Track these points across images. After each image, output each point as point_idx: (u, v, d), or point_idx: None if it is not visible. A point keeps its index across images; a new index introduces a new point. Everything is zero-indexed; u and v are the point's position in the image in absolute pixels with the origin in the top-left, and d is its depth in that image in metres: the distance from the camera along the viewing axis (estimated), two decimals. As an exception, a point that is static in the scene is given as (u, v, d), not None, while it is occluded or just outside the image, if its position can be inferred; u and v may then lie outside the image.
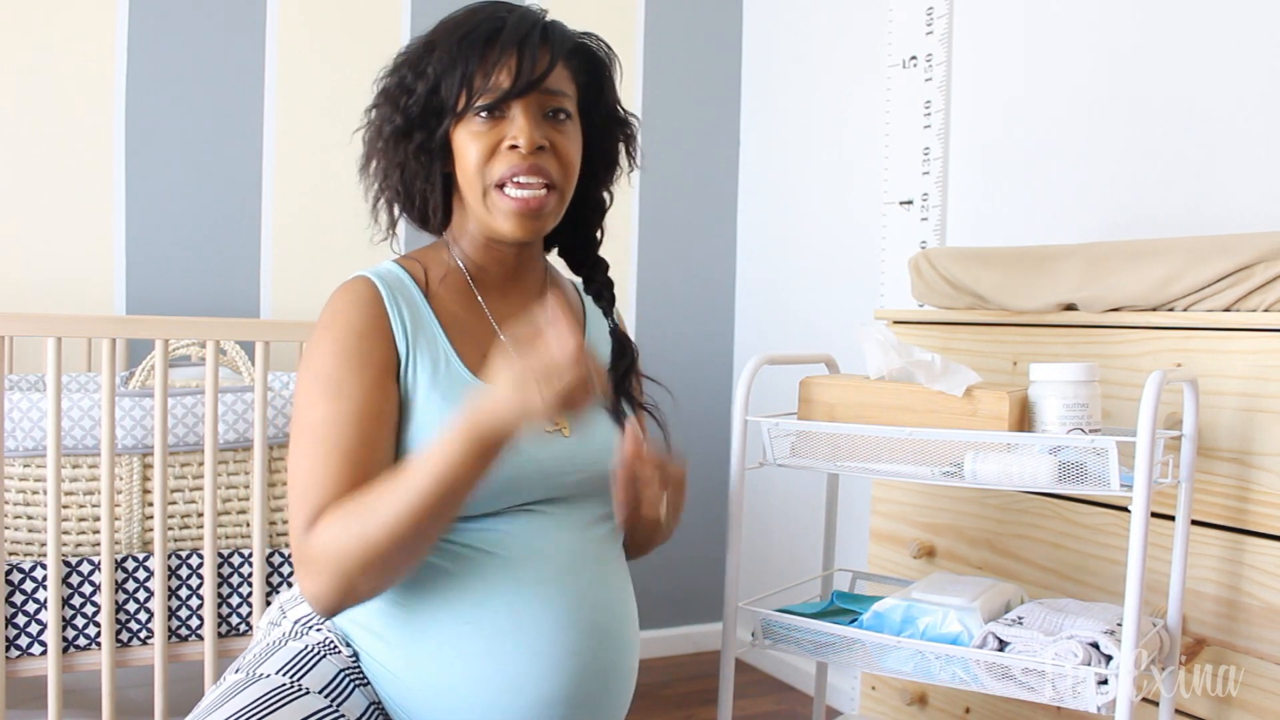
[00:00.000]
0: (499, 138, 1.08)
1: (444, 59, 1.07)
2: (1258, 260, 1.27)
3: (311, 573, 0.98)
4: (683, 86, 2.81)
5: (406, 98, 1.10)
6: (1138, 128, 1.78)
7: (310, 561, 0.98)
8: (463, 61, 1.07)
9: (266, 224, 2.40)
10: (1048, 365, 1.21)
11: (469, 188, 1.10)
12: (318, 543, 0.97)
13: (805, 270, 2.62)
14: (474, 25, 1.08)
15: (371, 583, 0.98)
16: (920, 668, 1.24)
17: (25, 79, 2.20)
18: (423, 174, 1.11)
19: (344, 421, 1.01)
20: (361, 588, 0.98)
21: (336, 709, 1.01)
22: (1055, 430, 1.19)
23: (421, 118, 1.09)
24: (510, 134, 1.07)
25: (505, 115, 1.08)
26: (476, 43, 1.07)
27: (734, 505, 1.37)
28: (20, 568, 1.67)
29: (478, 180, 1.08)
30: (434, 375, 1.07)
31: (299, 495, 1.00)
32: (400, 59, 1.12)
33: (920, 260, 1.73)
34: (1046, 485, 1.16)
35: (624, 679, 1.11)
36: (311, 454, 1.01)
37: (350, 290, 1.09)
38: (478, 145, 1.08)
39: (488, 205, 1.09)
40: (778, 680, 2.63)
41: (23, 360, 2.17)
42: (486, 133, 1.08)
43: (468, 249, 1.15)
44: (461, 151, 1.09)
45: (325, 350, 1.05)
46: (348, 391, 1.02)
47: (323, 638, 1.07)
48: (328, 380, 1.03)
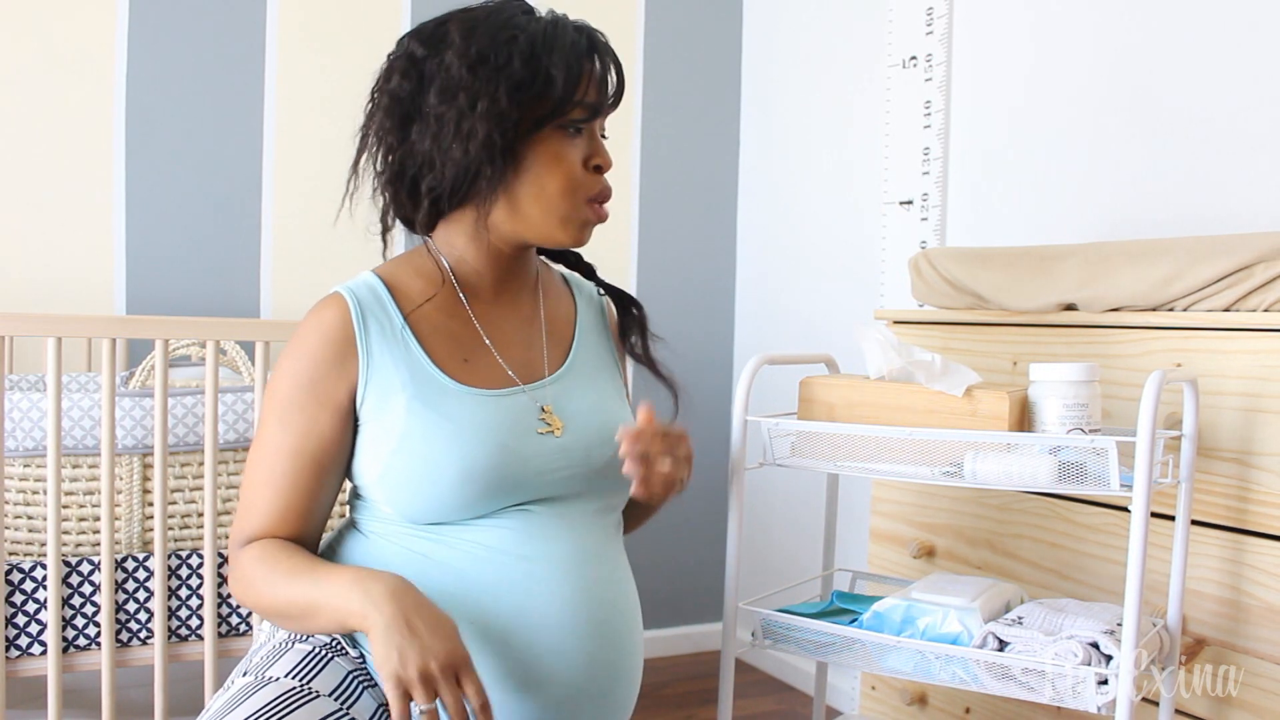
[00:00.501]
0: (582, 155, 1.09)
1: (560, 62, 1.05)
2: (1258, 260, 1.27)
3: (232, 576, 1.10)
4: (683, 86, 2.81)
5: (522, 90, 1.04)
6: (1138, 128, 1.78)
7: (233, 568, 1.09)
8: (575, 63, 1.06)
9: (266, 224, 2.40)
10: (1048, 365, 1.21)
11: (539, 197, 1.08)
12: (241, 562, 1.08)
13: (805, 270, 2.62)
14: (571, 36, 1.07)
15: (264, 614, 1.09)
16: (920, 668, 1.24)
17: (25, 79, 2.20)
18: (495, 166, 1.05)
19: (284, 454, 1.07)
20: (259, 612, 1.09)
21: (347, 711, 1.01)
22: (1055, 430, 1.19)
23: (514, 89, 1.04)
24: (593, 153, 1.10)
25: (582, 133, 1.10)
26: (580, 54, 1.07)
27: (734, 505, 1.37)
28: (20, 568, 1.67)
29: (561, 195, 1.08)
30: (416, 387, 1.07)
31: (243, 505, 1.10)
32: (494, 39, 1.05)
33: (920, 260, 1.73)
34: (1046, 485, 1.16)
35: (631, 674, 1.11)
36: (256, 472, 1.09)
37: (320, 314, 1.09)
38: (570, 159, 1.08)
39: (561, 217, 1.09)
40: (778, 680, 2.63)
41: (23, 360, 2.17)
42: (572, 149, 1.08)
43: (463, 254, 1.13)
44: (549, 163, 1.07)
45: (285, 374, 1.08)
46: (294, 426, 1.07)
47: (329, 639, 1.08)
48: (281, 408, 1.08)
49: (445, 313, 1.13)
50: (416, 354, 1.09)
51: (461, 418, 1.06)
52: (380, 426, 1.07)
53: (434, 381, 1.08)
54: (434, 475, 1.03)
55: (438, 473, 1.03)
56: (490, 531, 1.05)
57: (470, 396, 1.08)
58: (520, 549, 1.05)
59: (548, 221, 1.09)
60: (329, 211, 2.39)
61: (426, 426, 1.05)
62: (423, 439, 1.04)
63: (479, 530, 1.06)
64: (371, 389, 1.07)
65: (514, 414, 1.09)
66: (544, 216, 1.09)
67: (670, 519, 2.77)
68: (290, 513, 1.08)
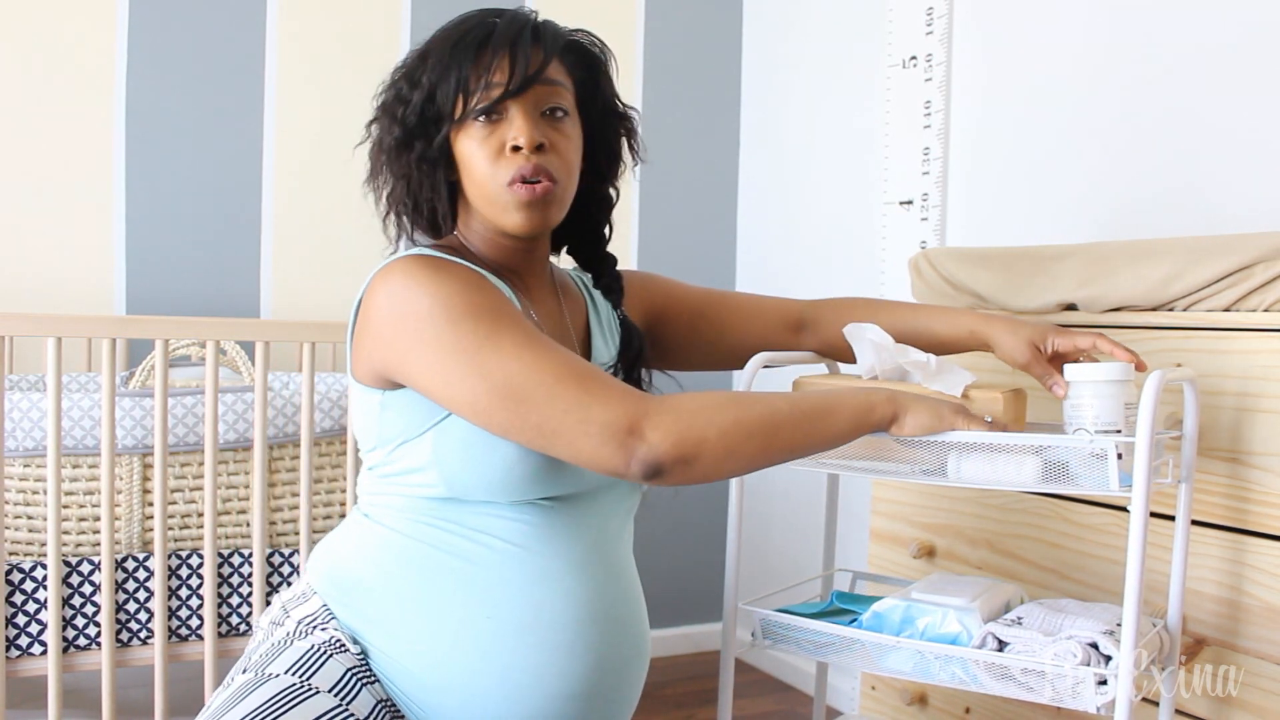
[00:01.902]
0: (500, 141, 1.07)
1: (437, 67, 1.08)
2: (1258, 260, 1.27)
3: (655, 424, 0.93)
4: (683, 86, 2.81)
5: (404, 108, 1.10)
6: (1138, 128, 1.78)
7: (654, 414, 0.94)
8: (456, 67, 1.07)
9: (266, 224, 2.40)
10: (1084, 365, 1.19)
11: (476, 192, 1.10)
12: (669, 399, 0.96)
13: (805, 270, 2.62)
14: (465, 31, 1.08)
15: (716, 448, 0.95)
16: (920, 668, 1.24)
17: (25, 79, 2.20)
18: (428, 183, 1.11)
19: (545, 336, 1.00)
20: (705, 450, 0.94)
21: (346, 708, 1.01)
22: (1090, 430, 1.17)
23: (420, 127, 1.09)
24: (510, 135, 1.07)
25: (504, 117, 1.08)
26: (469, 48, 1.07)
27: (734, 505, 1.37)
28: (20, 568, 1.67)
29: (485, 184, 1.08)
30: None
31: (596, 381, 0.96)
32: (396, 72, 1.13)
33: (920, 260, 1.73)
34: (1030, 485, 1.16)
35: (638, 671, 1.12)
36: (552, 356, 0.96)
37: (418, 259, 1.03)
38: (481, 150, 1.08)
39: (498, 206, 1.09)
40: (778, 680, 2.63)
41: (23, 360, 2.17)
42: (487, 137, 1.08)
43: (482, 248, 1.15)
44: (465, 158, 1.09)
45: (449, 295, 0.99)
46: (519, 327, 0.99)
47: (329, 636, 1.07)
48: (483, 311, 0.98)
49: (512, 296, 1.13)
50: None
51: None
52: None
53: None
54: (491, 443, 1.01)
55: (494, 442, 1.01)
56: (508, 525, 1.05)
57: None
58: (536, 545, 1.06)
59: (490, 211, 1.10)
60: (329, 212, 2.40)
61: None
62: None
63: (497, 522, 1.06)
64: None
65: None
66: (485, 207, 1.10)
67: (670, 519, 2.77)
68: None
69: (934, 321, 1.30)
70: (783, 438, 0.98)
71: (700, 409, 0.95)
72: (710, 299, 1.35)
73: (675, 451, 0.93)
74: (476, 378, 0.96)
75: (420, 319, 0.99)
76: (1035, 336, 1.22)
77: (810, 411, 1.00)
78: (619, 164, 1.23)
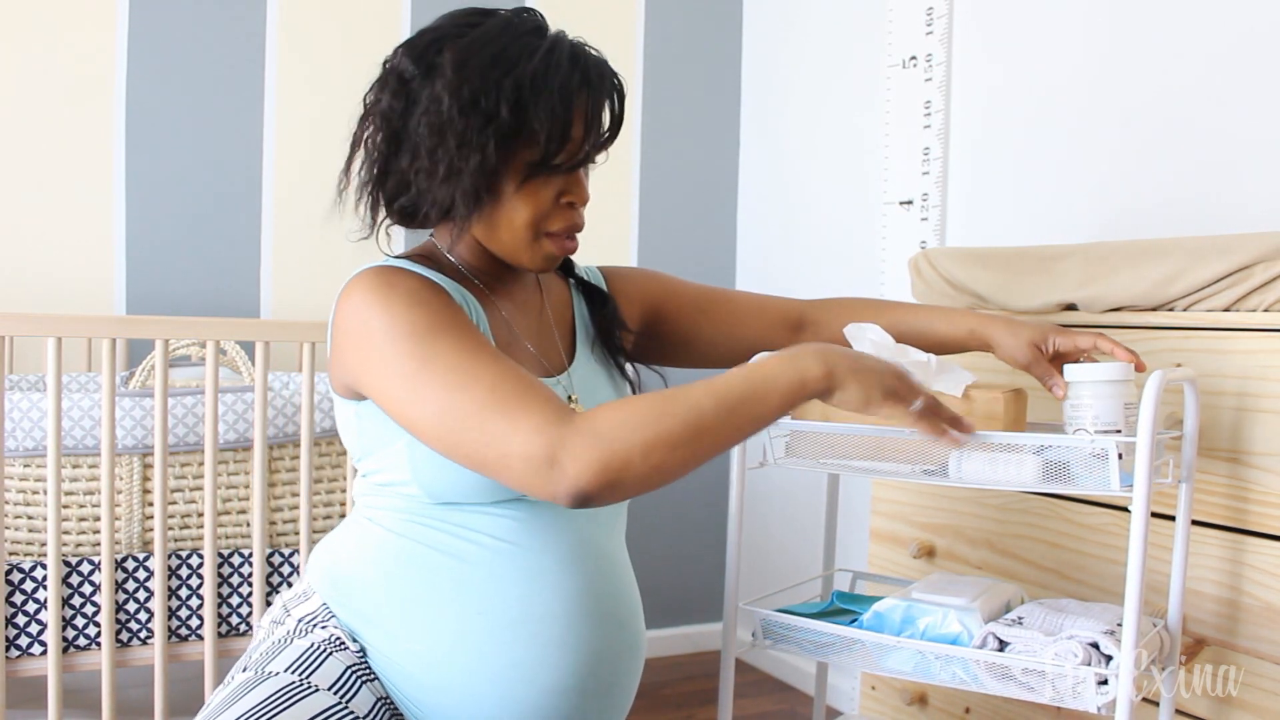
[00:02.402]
0: (557, 190, 1.07)
1: (543, 104, 1.02)
2: (1258, 260, 1.27)
3: (576, 450, 0.90)
4: (683, 87, 2.81)
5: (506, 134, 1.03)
6: (1138, 128, 1.78)
7: (573, 439, 0.91)
8: (563, 110, 1.03)
9: (266, 224, 2.40)
10: (1084, 365, 1.19)
11: (508, 226, 1.07)
12: (587, 419, 0.92)
13: (805, 270, 2.62)
14: (565, 77, 1.03)
15: (641, 465, 0.91)
16: (920, 668, 1.24)
17: (25, 79, 2.20)
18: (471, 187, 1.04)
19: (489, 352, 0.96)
20: (632, 469, 0.91)
21: (346, 705, 1.01)
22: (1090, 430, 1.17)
23: (504, 138, 1.03)
24: (571, 191, 1.07)
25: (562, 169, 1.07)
26: (570, 97, 1.03)
27: (734, 505, 1.37)
28: (20, 568, 1.67)
29: (524, 226, 1.07)
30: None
31: (517, 399, 0.92)
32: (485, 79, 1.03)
33: (920, 260, 1.73)
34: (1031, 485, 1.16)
35: (633, 666, 1.12)
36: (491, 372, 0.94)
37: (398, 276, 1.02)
38: (541, 193, 1.06)
39: (523, 244, 1.08)
40: (778, 680, 2.63)
41: (23, 360, 2.17)
42: (547, 186, 1.06)
43: (463, 254, 1.14)
44: (524, 198, 1.06)
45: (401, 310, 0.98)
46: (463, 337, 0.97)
47: (328, 634, 1.08)
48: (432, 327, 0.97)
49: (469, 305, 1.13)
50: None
51: None
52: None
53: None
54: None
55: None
56: (497, 521, 1.05)
57: None
58: (526, 540, 1.06)
59: (514, 247, 1.09)
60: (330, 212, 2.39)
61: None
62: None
63: (486, 520, 1.06)
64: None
65: None
66: (512, 243, 1.08)
67: (670, 519, 2.77)
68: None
69: (934, 321, 1.30)
70: (710, 438, 0.93)
71: (619, 427, 0.90)
72: (712, 296, 1.35)
73: (599, 480, 0.90)
74: (416, 405, 0.96)
75: (371, 339, 0.98)
76: (1036, 337, 1.22)
77: (738, 402, 0.94)
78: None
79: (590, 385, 1.16)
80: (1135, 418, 1.11)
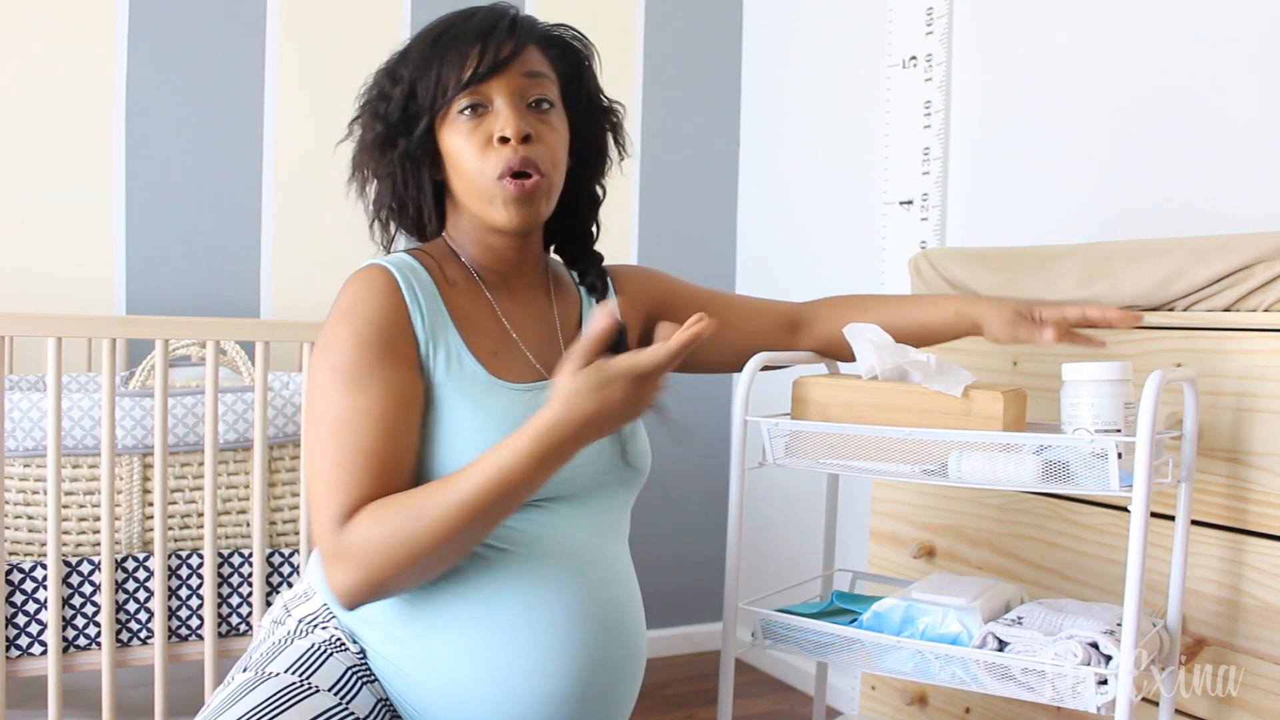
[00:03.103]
0: (487, 133, 1.08)
1: (417, 61, 1.09)
2: (1258, 260, 1.27)
3: (343, 567, 0.97)
4: (683, 86, 2.81)
5: (385, 105, 1.11)
6: (1138, 128, 1.78)
7: (342, 556, 0.97)
8: (436, 60, 1.08)
9: (266, 224, 2.40)
10: (1081, 365, 1.19)
11: (464, 188, 1.10)
12: (352, 538, 0.97)
13: (805, 270, 2.62)
14: (444, 27, 1.10)
15: (403, 580, 0.98)
16: (920, 668, 1.24)
17: (25, 79, 2.20)
18: (413, 181, 1.12)
19: (366, 416, 1.00)
20: (392, 584, 0.98)
21: (346, 706, 1.01)
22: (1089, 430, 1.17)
23: (403, 122, 1.10)
24: (497, 127, 1.07)
25: (489, 110, 1.08)
26: (448, 41, 1.08)
27: (734, 505, 1.37)
28: (20, 568, 1.67)
29: (473, 179, 1.09)
30: (449, 372, 1.06)
31: (325, 491, 0.99)
32: (378, 71, 1.14)
33: (920, 260, 1.73)
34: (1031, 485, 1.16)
35: (633, 672, 1.11)
36: (334, 449, 1.00)
37: (366, 279, 1.06)
38: (468, 144, 1.08)
39: (486, 200, 1.09)
40: (778, 680, 2.63)
41: (23, 360, 2.17)
42: (474, 130, 1.08)
43: (469, 248, 1.15)
44: (451, 152, 1.10)
45: (344, 340, 1.03)
46: (369, 386, 1.01)
47: (329, 635, 1.08)
48: (349, 374, 1.01)
49: (472, 304, 1.13)
50: (454, 338, 1.08)
51: (491, 410, 1.05)
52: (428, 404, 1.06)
53: (468, 368, 1.07)
54: (457, 463, 1.02)
55: (460, 461, 1.02)
56: (501, 528, 1.05)
57: (500, 390, 1.08)
58: (526, 547, 1.05)
59: (478, 206, 1.10)
60: (329, 212, 2.40)
61: (454, 413, 1.04)
62: (451, 426, 1.04)
63: None
64: (429, 356, 1.06)
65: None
66: (473, 202, 1.10)
67: (670, 519, 2.77)
68: (393, 473, 1.00)
69: (920, 310, 1.32)
70: (466, 540, 0.97)
71: (375, 554, 0.95)
72: (712, 298, 1.36)
73: (363, 594, 0.98)
74: (309, 423, 1.04)
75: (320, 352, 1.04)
76: (1020, 306, 1.23)
77: (489, 506, 0.95)
78: (605, 160, 1.24)
79: None
80: (1135, 417, 1.11)
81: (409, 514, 0.95)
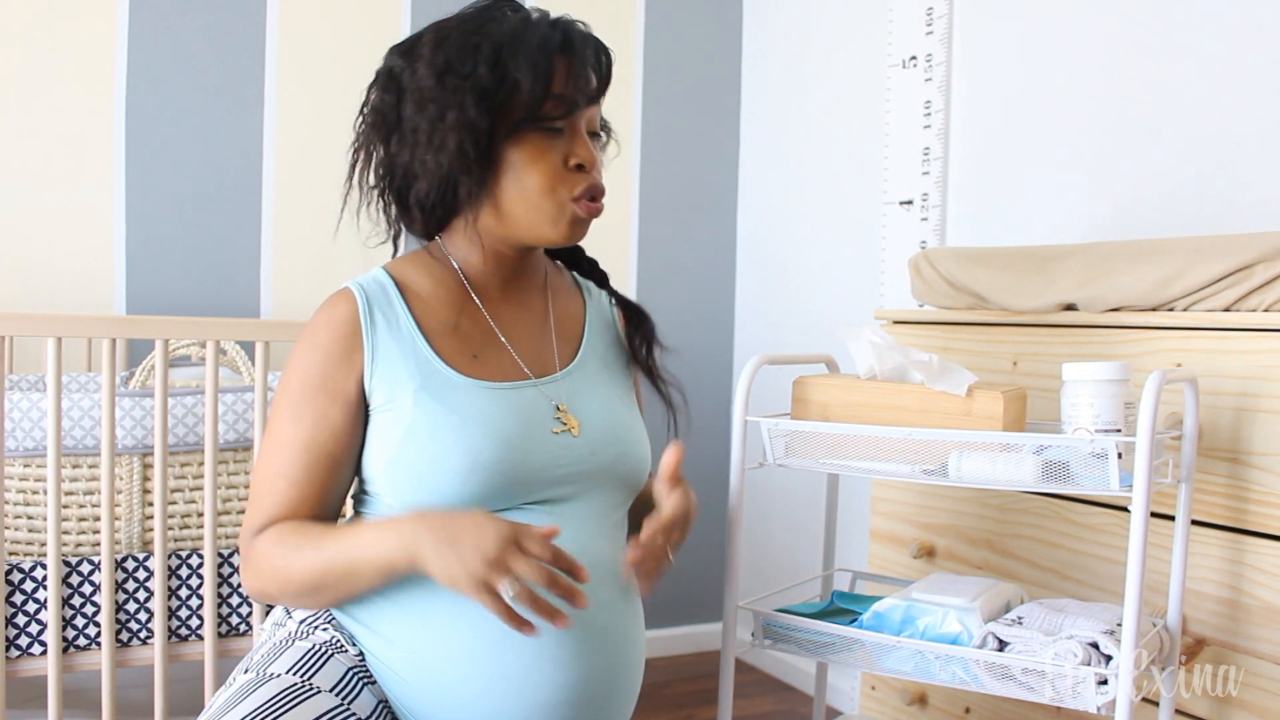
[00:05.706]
0: (562, 154, 1.09)
1: (526, 61, 1.05)
2: (1258, 260, 1.27)
3: (247, 570, 1.09)
4: (683, 86, 2.81)
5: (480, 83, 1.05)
6: (1138, 128, 1.78)
7: (249, 561, 1.08)
8: (544, 66, 1.05)
9: (266, 224, 2.40)
10: (1081, 365, 1.19)
11: (521, 199, 1.08)
12: (256, 550, 1.07)
13: (805, 270, 2.62)
14: (544, 35, 1.06)
15: (288, 601, 1.09)
16: (920, 668, 1.24)
17: (25, 79, 2.20)
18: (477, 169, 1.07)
19: (295, 446, 1.07)
20: (280, 600, 1.09)
21: (347, 707, 1.01)
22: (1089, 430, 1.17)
23: (499, 109, 1.06)
24: (575, 152, 1.09)
25: (564, 133, 1.09)
26: (563, 53, 1.07)
27: (734, 505, 1.37)
28: (20, 568, 1.67)
29: (538, 195, 1.08)
30: (422, 379, 1.07)
31: (253, 499, 1.09)
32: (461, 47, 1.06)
33: (920, 260, 1.73)
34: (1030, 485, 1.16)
35: (629, 678, 1.11)
36: (266, 467, 1.09)
37: (328, 307, 1.11)
38: (543, 160, 1.08)
39: (545, 216, 1.09)
40: (778, 680, 2.63)
41: (23, 360, 2.17)
42: (548, 149, 1.08)
43: (467, 255, 1.15)
44: (519, 164, 1.07)
45: (296, 370, 1.09)
46: (306, 418, 1.07)
47: (329, 636, 1.08)
48: (292, 402, 1.08)
49: (454, 310, 1.13)
50: (423, 349, 1.09)
51: (468, 411, 1.06)
52: (387, 418, 1.07)
53: (440, 375, 1.08)
54: (440, 467, 1.04)
55: (444, 464, 1.03)
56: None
57: (478, 390, 1.08)
58: None
59: (535, 221, 1.10)
60: (329, 212, 2.39)
61: (432, 418, 1.05)
62: (429, 431, 1.05)
63: None
64: (378, 381, 1.08)
65: (525, 409, 1.09)
66: (530, 216, 1.09)
67: (670, 519, 2.77)
68: (304, 503, 1.07)
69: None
70: (326, 594, 1.05)
71: (264, 573, 1.06)
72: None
73: (259, 598, 1.10)
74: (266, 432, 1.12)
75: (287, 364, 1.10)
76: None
77: (340, 576, 1.03)
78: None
79: (581, 394, 1.15)
80: (1135, 417, 1.11)
81: (292, 548, 1.04)
